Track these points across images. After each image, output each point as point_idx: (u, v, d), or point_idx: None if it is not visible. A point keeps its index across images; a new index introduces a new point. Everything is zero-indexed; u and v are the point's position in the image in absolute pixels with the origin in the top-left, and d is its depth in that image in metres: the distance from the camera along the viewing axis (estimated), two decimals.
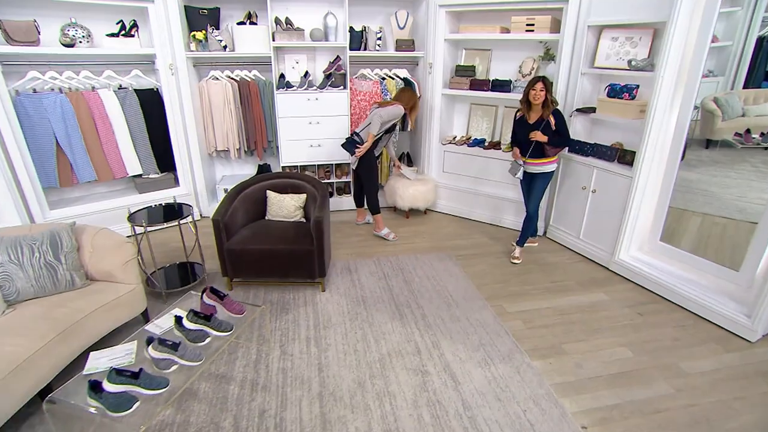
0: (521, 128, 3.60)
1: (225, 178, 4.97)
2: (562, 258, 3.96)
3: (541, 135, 3.44)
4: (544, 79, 3.35)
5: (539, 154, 3.55)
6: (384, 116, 3.81)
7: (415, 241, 4.24)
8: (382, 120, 3.80)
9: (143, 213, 3.27)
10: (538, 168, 3.61)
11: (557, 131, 3.44)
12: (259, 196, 3.56)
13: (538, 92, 3.35)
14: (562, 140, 3.48)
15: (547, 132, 3.44)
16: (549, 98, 3.36)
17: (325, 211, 3.20)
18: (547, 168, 3.60)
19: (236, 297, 3.28)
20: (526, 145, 3.56)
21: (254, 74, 4.49)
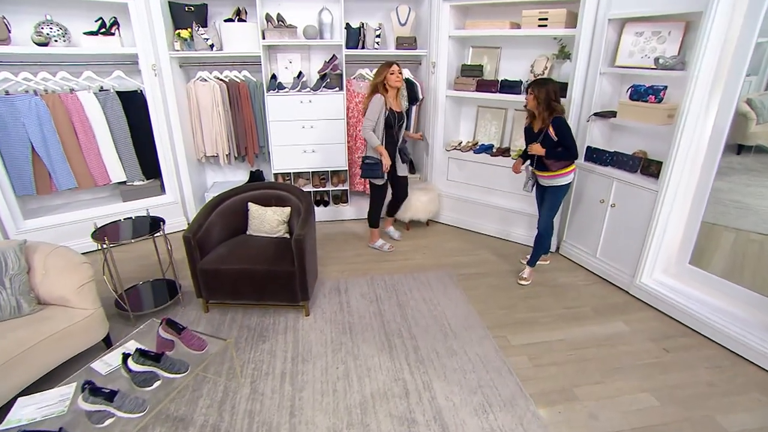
0: (527, 137, 3.22)
1: (216, 184, 4.65)
2: (575, 279, 3.52)
3: (537, 148, 3.06)
4: (531, 85, 3.00)
5: (543, 166, 3.16)
6: (368, 117, 3.40)
7: (413, 257, 3.85)
8: (369, 123, 3.40)
9: (116, 227, 2.95)
10: (547, 181, 3.21)
11: (559, 142, 2.99)
12: (240, 209, 3.21)
13: (529, 100, 3.02)
14: (563, 153, 3.02)
15: (547, 143, 3.03)
16: (540, 106, 2.97)
17: (308, 228, 2.84)
18: (557, 181, 3.16)
19: (212, 320, 2.95)
20: (532, 156, 3.19)
21: (244, 75, 4.16)
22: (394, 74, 3.35)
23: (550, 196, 3.24)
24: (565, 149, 3.02)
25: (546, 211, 3.29)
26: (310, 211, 3.00)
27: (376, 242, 3.91)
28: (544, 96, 2.94)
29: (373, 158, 3.51)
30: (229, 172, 4.73)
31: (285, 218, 3.16)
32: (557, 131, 2.98)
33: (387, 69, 3.35)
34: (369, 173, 3.55)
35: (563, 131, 2.98)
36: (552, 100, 2.94)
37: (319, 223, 4.50)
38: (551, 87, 2.94)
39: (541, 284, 3.44)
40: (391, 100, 3.44)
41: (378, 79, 3.37)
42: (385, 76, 3.35)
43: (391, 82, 3.36)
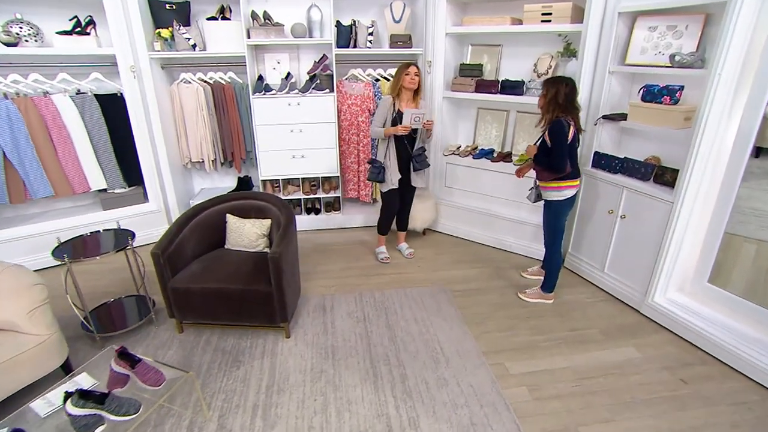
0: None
1: (203, 191, 4.41)
2: (581, 296, 3.21)
3: (531, 148, 2.84)
4: (545, 82, 2.73)
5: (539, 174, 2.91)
6: (374, 118, 3.29)
7: (407, 270, 3.57)
8: (374, 121, 3.26)
9: (82, 241, 2.71)
10: (543, 192, 2.95)
11: (548, 149, 2.71)
12: (218, 221, 2.96)
13: (540, 98, 2.77)
14: (547, 162, 2.72)
15: (541, 147, 2.78)
16: (545, 105, 2.70)
17: (286, 244, 2.57)
18: (549, 194, 2.86)
19: (185, 342, 2.70)
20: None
21: (230, 76, 3.91)
22: (410, 75, 3.13)
23: (548, 213, 2.96)
24: (547, 158, 2.70)
25: (547, 232, 3.02)
26: (290, 223, 2.73)
27: (380, 248, 3.76)
28: (552, 95, 2.64)
29: (377, 162, 3.34)
30: (217, 179, 4.48)
31: (265, 231, 2.90)
32: (550, 136, 2.68)
33: (404, 70, 3.15)
34: (373, 176, 3.39)
35: (552, 137, 2.66)
36: (559, 102, 2.63)
37: (310, 232, 4.24)
38: (563, 87, 2.61)
39: (545, 303, 3.14)
40: (403, 103, 3.21)
41: (395, 82, 3.18)
42: (398, 80, 3.16)
43: (405, 82, 3.14)
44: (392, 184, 3.35)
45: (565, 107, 2.64)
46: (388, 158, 3.30)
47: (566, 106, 2.64)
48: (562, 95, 2.63)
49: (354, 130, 4.06)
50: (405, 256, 3.79)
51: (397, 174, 3.34)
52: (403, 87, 3.15)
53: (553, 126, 2.65)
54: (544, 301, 3.14)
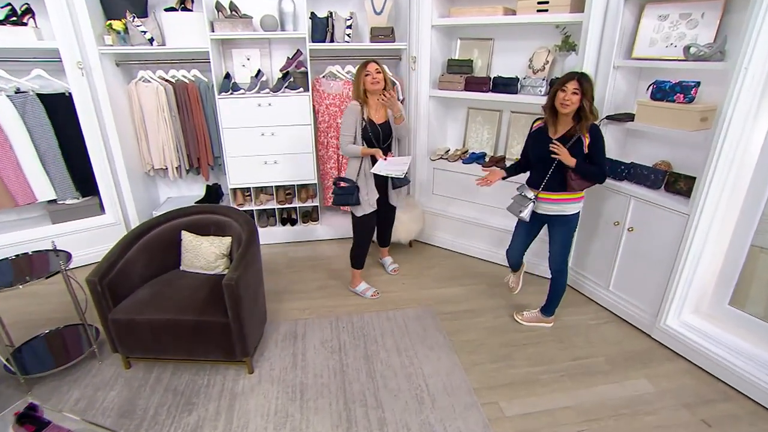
0: (538, 144, 2.43)
1: (170, 200, 4.05)
2: (584, 317, 2.90)
3: (567, 153, 2.27)
4: (582, 77, 2.20)
5: (559, 185, 2.38)
6: (343, 132, 2.73)
7: (390, 289, 3.23)
8: (345, 138, 2.72)
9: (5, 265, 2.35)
10: (556, 207, 2.44)
11: (588, 156, 2.30)
12: (172, 239, 2.60)
13: (569, 95, 2.19)
14: (594, 171, 2.32)
15: (577, 153, 2.29)
16: (587, 106, 2.21)
17: (246, 267, 2.23)
18: (569, 208, 2.44)
19: (132, 381, 2.34)
20: (540, 170, 2.43)
21: (194, 75, 3.55)
22: (370, 75, 2.63)
23: (560, 230, 2.51)
24: (598, 166, 2.32)
25: (557, 251, 2.56)
26: (251, 242, 2.39)
27: (358, 286, 3.17)
28: (592, 93, 2.20)
29: (348, 180, 2.80)
30: (184, 187, 4.12)
31: (224, 250, 2.55)
32: (593, 143, 2.28)
33: (362, 71, 2.66)
34: (342, 200, 2.82)
35: (599, 145, 2.30)
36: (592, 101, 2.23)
37: (284, 246, 3.89)
38: (594, 85, 2.25)
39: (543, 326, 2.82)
40: (372, 110, 2.74)
41: (356, 86, 2.70)
42: (362, 80, 2.67)
43: (367, 85, 2.65)
44: (370, 206, 2.85)
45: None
46: (363, 174, 2.80)
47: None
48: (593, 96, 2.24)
49: (333, 133, 3.72)
50: (388, 272, 3.45)
51: (374, 193, 2.85)
52: (367, 91, 2.69)
53: (599, 131, 2.31)
54: (544, 325, 2.82)
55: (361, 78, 2.67)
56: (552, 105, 2.30)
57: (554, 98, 2.27)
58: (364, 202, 2.83)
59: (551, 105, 2.31)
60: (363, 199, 2.82)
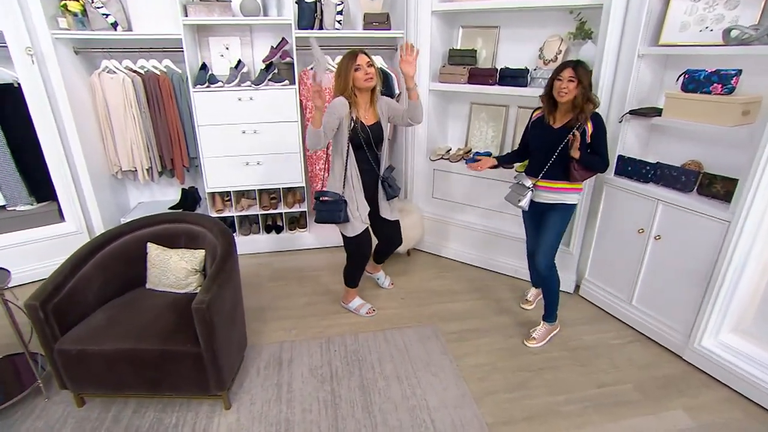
0: (538, 134, 2.38)
1: (141, 205, 3.72)
2: (605, 335, 2.64)
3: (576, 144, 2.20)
4: (577, 65, 2.13)
5: (559, 174, 2.30)
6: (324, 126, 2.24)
7: (387, 305, 2.94)
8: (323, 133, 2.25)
9: None
10: (555, 196, 2.36)
11: (591, 146, 2.24)
12: (136, 253, 2.29)
13: (566, 83, 2.14)
14: (597, 162, 2.26)
15: (580, 144, 2.19)
16: (584, 95, 2.14)
17: (220, 286, 1.92)
18: (569, 197, 2.37)
19: (84, 422, 2.02)
20: (540, 159, 2.34)
21: (166, 65, 3.23)
22: (361, 69, 2.25)
23: (555, 219, 2.39)
24: (601, 157, 2.25)
25: (550, 240, 2.41)
26: (228, 256, 2.08)
27: (352, 302, 2.86)
28: (588, 81, 2.13)
29: (332, 194, 2.42)
30: (157, 191, 3.79)
31: (197, 265, 2.24)
32: (596, 132, 2.21)
33: (351, 63, 2.26)
34: (327, 216, 2.42)
35: (602, 134, 2.23)
36: (591, 89, 2.17)
37: (269, 256, 3.59)
38: (590, 72, 2.18)
39: (561, 345, 2.55)
40: (361, 110, 2.36)
41: (341, 82, 2.30)
42: (350, 75, 2.27)
43: (358, 81, 2.27)
44: (362, 223, 2.49)
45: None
46: (351, 185, 2.41)
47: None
48: (590, 83, 2.17)
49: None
50: (384, 287, 3.17)
51: (365, 206, 2.50)
52: (356, 88, 2.31)
53: (601, 120, 2.24)
54: (554, 333, 2.60)
55: (349, 71, 2.26)
56: (550, 95, 2.26)
57: (551, 88, 2.23)
58: (354, 219, 2.46)
59: (549, 94, 2.27)
60: (353, 216, 2.45)
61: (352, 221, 2.46)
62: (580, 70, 2.11)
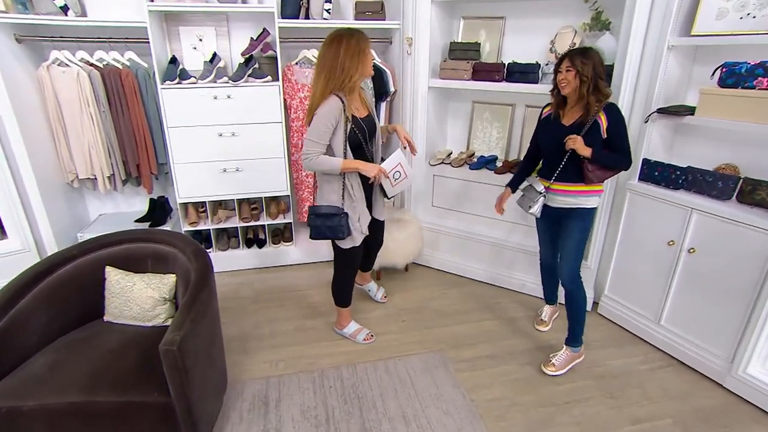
0: (549, 133, 2.17)
1: (103, 218, 3.34)
2: (633, 359, 2.41)
3: (581, 142, 1.98)
4: (573, 54, 1.97)
5: (574, 175, 2.08)
6: (310, 137, 2.01)
7: (386, 329, 2.66)
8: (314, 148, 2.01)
9: None
10: (571, 200, 2.14)
11: (609, 141, 2.02)
12: (92, 279, 1.95)
13: (564, 74, 1.99)
14: (616, 159, 2.03)
15: (593, 140, 2.00)
16: (587, 86, 1.94)
17: (194, 320, 1.61)
18: (587, 201, 2.15)
19: None
20: (554, 159, 2.12)
21: (129, 58, 2.89)
22: (369, 54, 2.06)
23: (577, 225, 2.17)
24: (621, 153, 2.02)
25: (571, 250, 2.20)
26: (204, 282, 1.77)
27: (347, 327, 2.57)
28: (591, 71, 1.93)
29: (331, 207, 2.17)
30: (122, 201, 3.42)
31: (166, 293, 1.92)
32: (612, 125, 2.00)
33: (366, 45, 2.02)
34: (325, 231, 2.17)
35: (619, 127, 2.02)
36: (600, 78, 1.96)
37: (250, 273, 3.26)
38: (598, 58, 1.96)
39: (585, 372, 2.32)
40: (354, 103, 2.14)
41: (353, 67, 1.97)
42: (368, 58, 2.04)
43: (369, 68, 2.08)
44: (361, 234, 2.26)
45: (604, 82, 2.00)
46: (350, 194, 2.16)
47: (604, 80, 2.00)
48: (600, 66, 1.97)
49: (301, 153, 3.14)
50: (377, 300, 2.91)
51: (366, 215, 2.28)
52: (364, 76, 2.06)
53: (617, 112, 2.03)
54: (577, 361, 2.35)
55: (365, 55, 1.99)
56: (557, 87, 2.08)
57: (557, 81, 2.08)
58: (355, 231, 2.22)
59: (556, 88, 2.08)
60: (354, 228, 2.21)
61: (353, 234, 2.22)
62: (576, 60, 1.94)
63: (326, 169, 2.05)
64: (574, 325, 2.29)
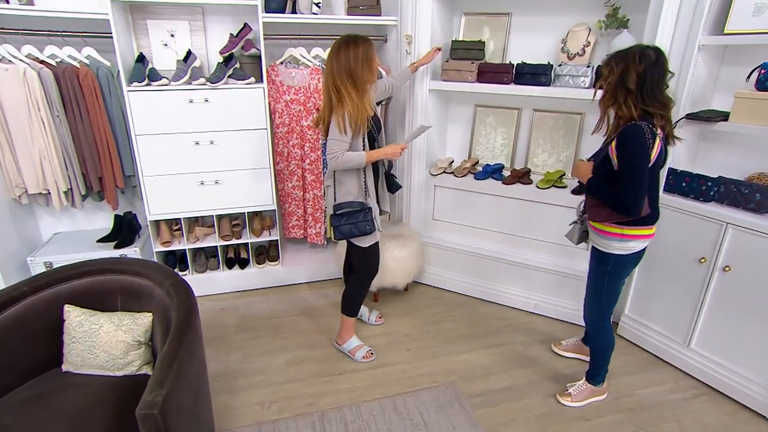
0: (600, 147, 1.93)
1: (59, 237, 3.01)
2: (662, 387, 2.27)
3: (585, 168, 1.88)
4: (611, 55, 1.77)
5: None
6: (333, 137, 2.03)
7: (390, 359, 2.45)
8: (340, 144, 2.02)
9: None
10: (594, 237, 1.97)
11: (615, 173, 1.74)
12: (47, 320, 1.67)
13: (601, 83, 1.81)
14: (609, 193, 1.75)
15: (600, 168, 1.81)
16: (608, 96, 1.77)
17: (176, 376, 1.36)
18: (606, 244, 1.88)
19: None
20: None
21: (88, 55, 2.58)
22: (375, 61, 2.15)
23: (594, 267, 2.01)
24: (616, 189, 1.72)
25: (589, 293, 2.07)
26: (187, 325, 1.51)
27: (348, 342, 2.45)
28: (616, 77, 1.70)
29: (355, 204, 2.15)
30: (81, 218, 3.09)
31: (141, 336, 1.65)
32: (619, 150, 1.71)
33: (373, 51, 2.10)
34: (352, 230, 2.14)
35: (625, 155, 1.69)
36: (629, 90, 1.68)
37: (233, 297, 3.00)
38: (633, 62, 1.66)
39: (612, 404, 2.16)
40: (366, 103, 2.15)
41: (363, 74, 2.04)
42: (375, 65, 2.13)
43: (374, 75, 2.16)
44: (380, 230, 2.25)
45: (643, 99, 1.68)
46: (367, 189, 2.18)
47: (644, 96, 1.68)
48: (632, 78, 1.67)
49: (296, 140, 2.90)
50: (372, 324, 2.73)
51: (377, 209, 2.28)
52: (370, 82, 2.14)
53: (625, 135, 1.69)
54: (597, 398, 2.18)
55: (374, 61, 2.09)
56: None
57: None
58: (378, 224, 2.23)
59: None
60: (377, 223, 2.22)
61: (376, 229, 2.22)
62: (607, 62, 1.76)
63: (353, 164, 2.08)
64: (592, 363, 2.16)
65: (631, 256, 1.88)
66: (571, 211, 2.55)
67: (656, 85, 1.69)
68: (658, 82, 1.69)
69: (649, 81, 1.67)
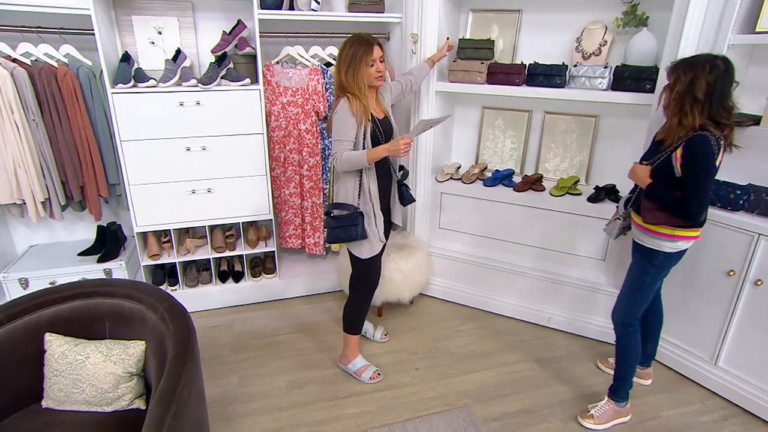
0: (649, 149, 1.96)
1: (35, 250, 2.86)
2: (689, 408, 2.19)
3: (642, 172, 1.86)
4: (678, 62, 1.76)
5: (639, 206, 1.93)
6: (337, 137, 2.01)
7: (399, 379, 2.34)
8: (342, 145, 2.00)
9: None
10: (636, 232, 1.96)
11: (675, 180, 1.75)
12: (25, 351, 1.53)
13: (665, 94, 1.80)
14: (671, 199, 1.75)
15: (663, 174, 1.79)
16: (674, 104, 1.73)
17: (176, 416, 1.24)
18: (656, 242, 1.87)
19: None
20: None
21: (67, 54, 2.44)
22: (375, 64, 2.01)
23: (637, 261, 1.98)
24: (685, 195, 1.71)
25: (625, 288, 2.02)
26: (186, 356, 1.39)
27: (353, 362, 2.36)
28: (684, 86, 1.68)
29: (346, 206, 2.08)
30: (60, 229, 2.94)
31: (132, 367, 1.52)
32: (685, 161, 1.70)
33: (366, 56, 1.97)
34: (340, 233, 2.08)
35: (693, 165, 1.69)
36: (697, 99, 1.66)
37: (227, 313, 2.87)
38: (703, 71, 1.65)
39: (636, 427, 2.07)
40: (372, 102, 2.11)
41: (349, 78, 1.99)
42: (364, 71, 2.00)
43: (369, 78, 2.02)
44: (380, 241, 2.15)
45: (711, 108, 1.67)
46: (366, 196, 2.09)
47: (712, 106, 1.66)
48: (701, 87, 1.65)
49: (294, 144, 2.78)
50: (377, 341, 2.63)
51: (381, 218, 2.16)
52: (369, 87, 2.06)
53: (694, 146, 1.68)
54: (621, 420, 2.10)
55: (362, 66, 1.98)
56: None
57: None
58: (372, 236, 2.12)
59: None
60: (370, 231, 2.11)
61: (370, 238, 2.12)
62: (673, 70, 1.75)
63: (354, 163, 2.01)
64: (616, 373, 2.08)
65: (677, 254, 1.91)
66: (587, 219, 2.52)
67: (725, 94, 1.70)
68: (726, 91, 1.70)
69: (719, 91, 1.68)
